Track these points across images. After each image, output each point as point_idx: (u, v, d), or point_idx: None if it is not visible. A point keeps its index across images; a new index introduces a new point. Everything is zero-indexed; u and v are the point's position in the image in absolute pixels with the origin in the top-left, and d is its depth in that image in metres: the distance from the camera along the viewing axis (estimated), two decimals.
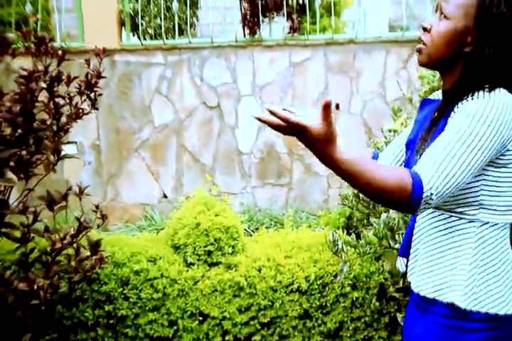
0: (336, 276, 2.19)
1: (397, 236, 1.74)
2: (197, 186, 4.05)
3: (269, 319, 2.20)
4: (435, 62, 1.09)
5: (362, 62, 3.76)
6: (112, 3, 3.74)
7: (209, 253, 2.25)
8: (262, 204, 4.06)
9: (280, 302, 2.17)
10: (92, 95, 1.86)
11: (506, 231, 1.10)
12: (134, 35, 3.97)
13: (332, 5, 3.83)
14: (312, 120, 0.90)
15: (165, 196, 4.07)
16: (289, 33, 3.71)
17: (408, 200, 0.94)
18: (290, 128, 0.90)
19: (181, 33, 4.08)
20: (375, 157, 1.42)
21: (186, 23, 3.88)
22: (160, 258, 2.24)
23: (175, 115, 3.90)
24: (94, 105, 1.87)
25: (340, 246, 1.67)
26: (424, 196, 0.94)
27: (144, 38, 4.04)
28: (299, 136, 0.92)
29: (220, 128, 3.92)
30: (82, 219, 1.69)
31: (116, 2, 3.75)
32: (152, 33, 4.11)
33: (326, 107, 0.88)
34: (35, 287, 1.64)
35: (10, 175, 1.62)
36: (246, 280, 2.16)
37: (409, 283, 1.20)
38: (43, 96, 1.69)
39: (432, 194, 0.94)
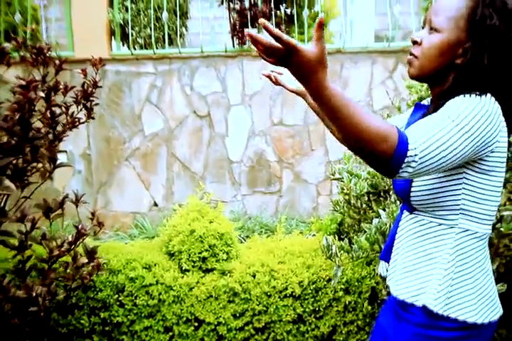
0: (328, 281, 2.23)
1: None
2: (187, 194, 4.08)
3: (263, 324, 2.23)
4: (426, 74, 1.10)
5: (349, 72, 3.84)
6: (102, 13, 3.77)
7: (204, 259, 2.27)
8: (252, 212, 4.09)
9: (274, 307, 2.20)
10: (88, 104, 1.89)
11: (484, 242, 1.11)
12: (123, 45, 4.00)
13: (319, 15, 3.90)
14: None
15: (155, 204, 4.08)
16: None
17: (391, 154, 0.88)
18: (281, 50, 0.81)
19: (170, 43, 4.12)
20: None
21: (176, 33, 3.93)
22: (155, 265, 2.26)
23: (165, 124, 3.93)
24: (90, 114, 1.90)
25: (334, 251, 1.71)
26: (408, 154, 0.89)
27: (134, 48, 4.07)
28: (289, 60, 0.82)
29: (210, 136, 3.96)
30: (79, 227, 1.71)
31: (106, 12, 3.78)
32: (142, 42, 4.13)
33: (320, 26, 0.81)
34: (34, 294, 1.65)
35: (8, 183, 1.64)
36: (241, 285, 2.19)
37: (388, 286, 1.21)
38: (40, 105, 1.72)
39: (416, 155, 0.89)
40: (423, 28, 1.12)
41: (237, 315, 2.22)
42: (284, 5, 3.66)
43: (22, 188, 1.84)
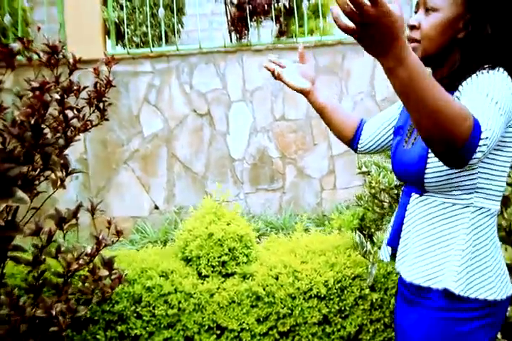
0: (354, 279, 2.15)
1: None
2: (189, 196, 3.99)
3: (288, 327, 2.14)
4: (431, 56, 1.07)
5: (351, 63, 3.76)
6: (96, 12, 3.63)
7: (223, 263, 2.17)
8: (256, 210, 4.00)
9: (299, 309, 2.12)
10: (101, 105, 1.77)
11: (495, 219, 1.11)
12: (117, 44, 3.86)
13: (320, 7, 3.82)
14: None
15: (156, 207, 3.97)
16: (277, 36, 3.67)
17: (468, 136, 0.82)
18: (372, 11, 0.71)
19: (166, 40, 4.00)
20: (361, 124, 1.43)
21: (173, 30, 3.80)
22: (172, 272, 2.15)
23: (164, 124, 3.81)
24: (103, 116, 1.79)
25: (368, 248, 1.63)
26: (482, 136, 0.84)
27: (130, 47, 3.94)
28: (380, 22, 0.72)
29: (211, 135, 3.85)
30: (100, 237, 1.60)
31: (100, 10, 3.64)
32: (138, 41, 4.01)
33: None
34: (54, 313, 1.53)
35: (21, 194, 1.52)
36: (264, 289, 2.10)
37: (399, 273, 1.18)
38: (52, 108, 1.60)
39: (487, 138, 0.85)
40: (416, 12, 1.09)
41: (261, 319, 2.13)
42: None
43: (31, 198, 1.73)
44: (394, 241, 1.23)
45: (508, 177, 1.73)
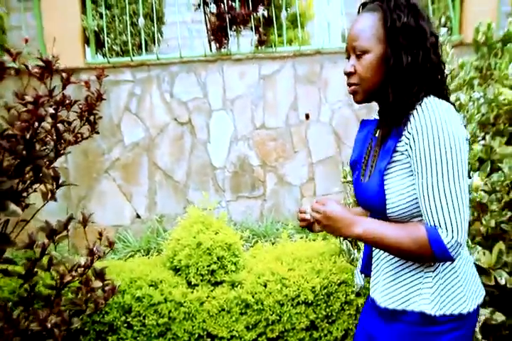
0: (339, 285, 2.20)
1: None
2: (170, 204, 3.99)
3: (277, 333, 2.18)
4: (372, 93, 1.14)
5: (328, 72, 3.84)
6: (75, 20, 3.61)
7: (212, 272, 2.20)
8: (237, 218, 4.03)
9: (288, 315, 2.16)
10: (91, 118, 1.78)
11: None
12: (96, 53, 3.84)
13: (298, 17, 3.89)
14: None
15: (138, 216, 3.95)
16: (257, 45, 3.73)
17: (432, 254, 1.03)
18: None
19: (146, 49, 4.00)
20: None
21: (153, 39, 3.81)
22: (161, 281, 2.17)
23: (145, 133, 3.80)
24: (94, 129, 1.80)
25: (355, 255, 1.68)
26: (448, 246, 1.02)
27: (110, 56, 3.92)
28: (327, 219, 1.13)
29: (192, 143, 3.87)
30: (94, 249, 1.60)
31: (80, 19, 3.62)
32: (118, 49, 3.99)
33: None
34: (49, 325, 1.53)
35: (13, 207, 1.52)
36: (253, 296, 2.14)
37: (372, 299, 1.24)
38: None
39: (455, 241, 1.02)
40: (348, 58, 1.17)
41: (250, 326, 2.17)
42: (262, 7, 3.61)
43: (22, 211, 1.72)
44: (366, 269, 1.31)
45: (485, 185, 1.82)
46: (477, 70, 2.32)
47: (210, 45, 3.83)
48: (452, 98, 1.92)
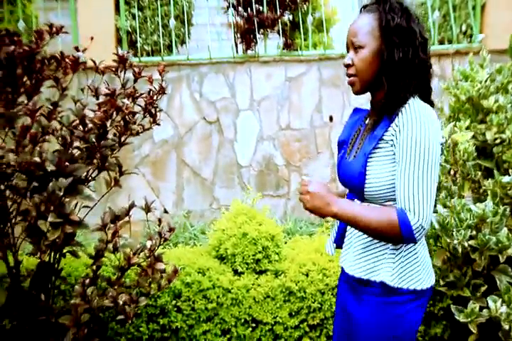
0: None
1: (452, 233, 1.89)
2: (198, 200, 4.10)
3: (318, 321, 2.29)
4: (368, 84, 1.30)
5: None
6: (109, 21, 3.74)
7: (257, 261, 2.31)
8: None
9: (328, 304, 2.27)
10: (153, 111, 1.90)
11: None
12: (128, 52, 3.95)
13: (323, 22, 4.03)
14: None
15: (166, 211, 4.06)
16: (283, 48, 3.85)
17: (401, 235, 1.18)
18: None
19: (176, 49, 4.12)
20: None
21: (183, 40, 3.93)
22: (208, 269, 2.28)
23: (175, 130, 3.92)
24: (155, 121, 1.91)
25: None
26: (414, 228, 1.17)
27: (141, 55, 4.04)
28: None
29: (219, 142, 3.99)
30: (162, 232, 1.72)
31: (113, 19, 3.75)
32: (149, 49, 4.11)
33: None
34: (120, 302, 1.64)
35: (88, 192, 1.64)
36: (296, 284, 2.24)
37: (342, 268, 1.47)
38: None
39: (420, 225, 1.17)
40: (348, 52, 1.33)
41: (293, 313, 2.27)
42: (288, 12, 3.73)
43: None
44: (339, 241, 1.48)
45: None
46: None
47: (237, 47, 3.95)
48: (491, 100, 2.05)
